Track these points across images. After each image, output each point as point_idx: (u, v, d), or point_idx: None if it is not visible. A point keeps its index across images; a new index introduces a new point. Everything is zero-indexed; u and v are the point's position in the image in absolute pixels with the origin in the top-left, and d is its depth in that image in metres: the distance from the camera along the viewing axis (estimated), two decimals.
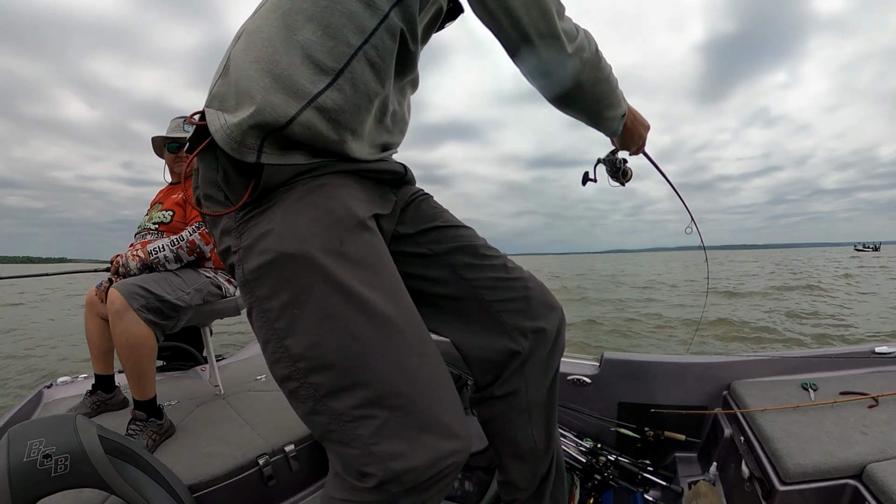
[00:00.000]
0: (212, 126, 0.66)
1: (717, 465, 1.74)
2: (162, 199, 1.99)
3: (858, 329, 8.38)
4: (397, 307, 0.71)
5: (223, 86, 0.70)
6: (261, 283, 0.68)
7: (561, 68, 0.80)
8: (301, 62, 0.66)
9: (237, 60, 0.68)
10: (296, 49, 0.66)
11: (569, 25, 0.79)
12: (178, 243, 1.76)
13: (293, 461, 1.53)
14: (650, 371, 1.98)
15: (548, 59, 0.79)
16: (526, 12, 0.73)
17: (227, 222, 0.71)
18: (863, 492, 1.17)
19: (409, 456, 0.64)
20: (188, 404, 1.90)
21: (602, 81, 0.88)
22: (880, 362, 1.87)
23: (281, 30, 0.67)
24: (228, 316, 2.05)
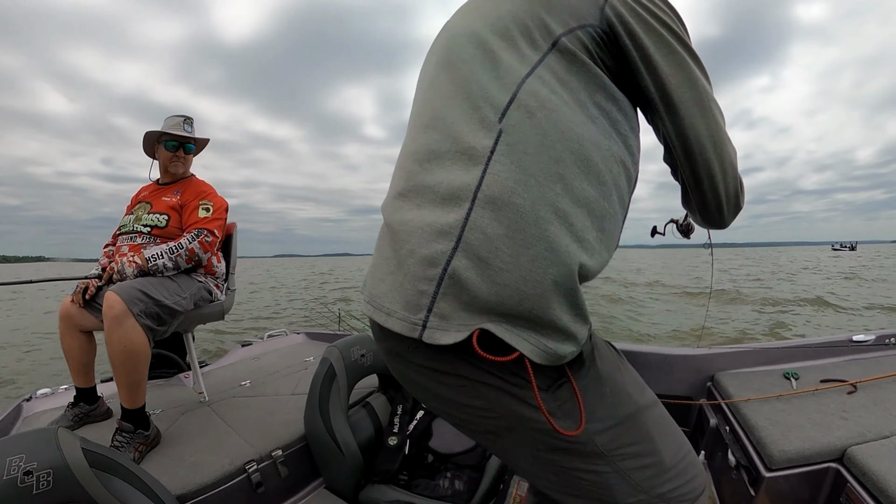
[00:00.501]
0: (519, 346, 0.58)
1: (704, 455, 1.78)
2: (150, 199, 1.92)
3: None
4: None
5: (492, 285, 0.58)
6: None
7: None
8: (587, 243, 0.62)
9: (500, 248, 0.58)
10: (578, 219, 0.61)
11: (741, 189, 0.80)
12: (177, 251, 1.72)
13: (281, 467, 1.53)
14: (636, 362, 2.01)
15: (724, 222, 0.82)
16: (725, 190, 0.75)
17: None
18: (844, 474, 1.22)
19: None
20: (173, 412, 1.87)
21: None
22: (858, 350, 1.94)
23: (555, 185, 0.60)
24: (213, 321, 2.02)
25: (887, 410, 1.43)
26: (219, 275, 2.02)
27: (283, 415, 1.81)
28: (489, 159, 0.60)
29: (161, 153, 1.95)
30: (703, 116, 0.70)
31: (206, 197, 1.93)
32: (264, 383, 2.26)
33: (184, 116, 1.98)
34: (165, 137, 1.93)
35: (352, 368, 1.70)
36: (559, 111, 0.62)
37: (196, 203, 1.88)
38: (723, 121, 0.73)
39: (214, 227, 1.86)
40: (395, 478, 1.54)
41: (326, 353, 1.67)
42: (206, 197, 1.93)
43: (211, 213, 1.89)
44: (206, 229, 1.82)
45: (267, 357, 2.83)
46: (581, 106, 0.64)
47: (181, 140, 1.96)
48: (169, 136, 1.93)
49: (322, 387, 1.57)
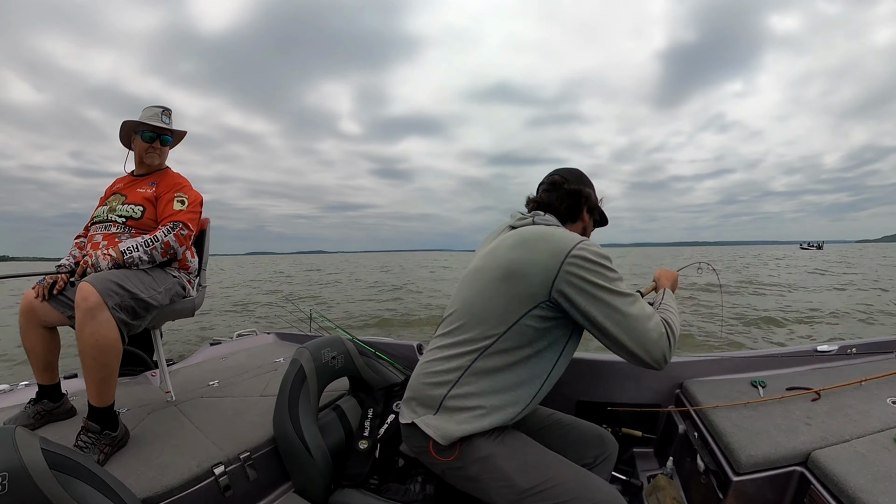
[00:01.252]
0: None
1: (673, 460, 1.83)
2: (125, 191, 1.88)
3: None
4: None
5: None
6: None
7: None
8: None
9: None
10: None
11: (670, 351, 1.11)
12: (152, 244, 1.69)
13: (250, 469, 1.51)
14: (606, 370, 2.06)
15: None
16: (643, 348, 1.09)
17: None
18: (808, 476, 1.29)
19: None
20: (139, 412, 1.83)
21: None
22: (821, 359, 2.03)
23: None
24: (184, 317, 1.99)
25: (848, 416, 1.50)
26: (192, 270, 1.99)
27: (251, 416, 1.78)
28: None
29: (137, 144, 1.92)
30: (623, 329, 1.07)
31: (181, 189, 1.90)
32: (233, 384, 2.23)
33: (162, 107, 1.95)
34: (142, 128, 1.90)
35: (322, 370, 1.69)
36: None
37: (171, 195, 1.86)
38: (641, 316, 1.07)
39: (189, 219, 1.83)
40: (366, 482, 1.53)
41: (297, 354, 1.65)
42: (181, 189, 1.90)
43: (186, 205, 1.86)
44: (182, 222, 1.79)
45: (236, 357, 2.80)
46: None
47: (158, 131, 1.92)
48: (146, 126, 1.89)
49: (292, 389, 1.56)
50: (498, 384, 1.14)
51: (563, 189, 1.31)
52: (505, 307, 1.12)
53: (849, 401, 1.62)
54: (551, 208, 1.30)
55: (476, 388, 1.14)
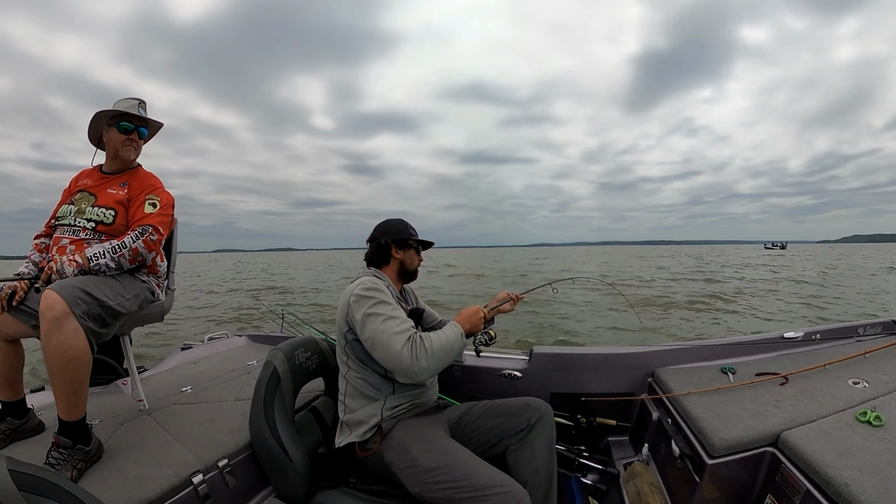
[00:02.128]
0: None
1: (648, 446, 1.89)
2: (95, 190, 1.78)
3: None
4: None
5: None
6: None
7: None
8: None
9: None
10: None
11: (418, 364, 1.34)
12: (120, 251, 1.62)
13: (229, 476, 1.50)
14: (578, 362, 2.11)
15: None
16: (392, 362, 1.38)
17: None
18: (779, 456, 1.37)
19: None
20: (112, 423, 1.79)
21: (443, 359, 1.40)
22: (788, 345, 2.14)
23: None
24: (153, 322, 1.95)
25: (814, 398, 1.59)
26: (161, 274, 1.93)
27: (227, 422, 1.77)
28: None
29: (112, 136, 1.80)
30: (377, 342, 1.40)
31: (153, 191, 1.82)
32: (206, 389, 2.20)
33: (138, 100, 1.85)
34: (119, 118, 1.79)
35: (297, 372, 1.69)
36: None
37: (143, 198, 1.77)
38: (387, 331, 1.39)
39: (160, 223, 1.76)
40: (346, 481, 1.55)
41: (270, 356, 1.65)
42: (153, 191, 1.82)
43: (158, 208, 1.78)
44: (152, 226, 1.71)
45: (208, 361, 2.76)
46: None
47: (136, 122, 1.83)
48: (124, 116, 1.80)
49: (266, 392, 1.55)
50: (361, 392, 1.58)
51: (373, 243, 1.76)
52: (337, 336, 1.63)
53: (814, 383, 1.71)
54: (371, 260, 1.77)
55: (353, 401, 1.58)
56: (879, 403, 1.50)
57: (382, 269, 1.76)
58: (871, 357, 1.91)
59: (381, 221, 1.82)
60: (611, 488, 1.84)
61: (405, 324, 1.44)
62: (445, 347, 1.40)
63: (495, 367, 2.20)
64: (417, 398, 1.64)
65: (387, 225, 1.79)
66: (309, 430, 1.74)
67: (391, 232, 1.76)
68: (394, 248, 1.74)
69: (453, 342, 1.43)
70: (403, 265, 1.77)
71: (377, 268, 1.76)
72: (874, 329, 2.28)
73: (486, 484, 1.25)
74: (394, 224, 1.79)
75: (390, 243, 1.74)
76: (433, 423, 1.58)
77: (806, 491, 1.21)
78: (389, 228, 1.78)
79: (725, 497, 1.48)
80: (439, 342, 1.39)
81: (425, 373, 1.35)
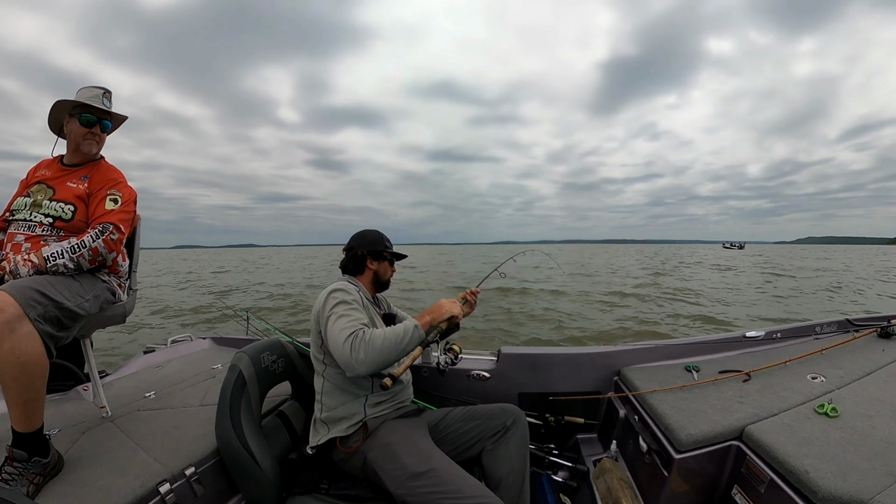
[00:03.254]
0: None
1: (616, 443, 1.95)
2: (53, 183, 1.71)
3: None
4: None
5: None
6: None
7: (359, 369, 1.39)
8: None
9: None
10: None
11: (354, 356, 1.37)
12: (79, 250, 1.56)
13: (196, 485, 1.48)
14: (545, 362, 2.17)
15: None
16: (338, 357, 1.41)
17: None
18: (744, 449, 1.44)
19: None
20: (72, 432, 1.73)
21: (387, 352, 1.40)
22: (750, 344, 2.25)
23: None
24: (114, 324, 1.90)
25: (776, 393, 1.68)
26: (122, 273, 1.88)
27: (192, 428, 1.74)
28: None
29: (73, 128, 1.73)
30: (329, 338, 1.46)
31: (114, 186, 1.75)
32: (171, 394, 2.16)
33: (102, 89, 1.77)
34: (81, 110, 1.72)
35: (263, 375, 1.67)
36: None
37: (103, 193, 1.71)
38: (335, 330, 1.44)
39: (121, 221, 1.70)
40: (317, 487, 1.55)
41: (235, 359, 1.63)
42: (114, 186, 1.75)
43: (119, 204, 1.72)
44: (112, 224, 1.65)
45: (172, 365, 2.71)
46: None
47: (98, 114, 1.75)
48: (86, 107, 1.72)
49: (232, 396, 1.53)
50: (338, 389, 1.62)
51: (350, 252, 1.84)
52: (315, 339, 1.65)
53: (775, 379, 1.80)
54: (346, 268, 1.85)
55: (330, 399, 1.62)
56: (835, 396, 1.61)
57: (357, 276, 1.84)
58: (827, 353, 2.03)
59: (358, 232, 1.91)
60: (581, 485, 1.89)
61: (356, 321, 1.47)
62: (389, 340, 1.41)
63: (464, 368, 2.23)
64: (396, 396, 1.69)
65: (363, 236, 1.87)
66: (277, 435, 1.73)
67: (367, 243, 1.84)
68: (369, 259, 1.83)
69: (400, 336, 1.43)
70: (377, 275, 1.85)
71: (352, 276, 1.84)
72: (830, 328, 2.44)
73: (469, 493, 1.29)
74: (370, 235, 1.87)
75: (366, 254, 1.82)
76: (416, 426, 1.61)
77: (770, 480, 1.30)
78: (366, 239, 1.86)
79: (694, 490, 1.54)
80: (382, 336, 1.42)
81: (362, 365, 1.37)
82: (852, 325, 2.47)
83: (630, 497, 1.65)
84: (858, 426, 1.39)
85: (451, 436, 1.69)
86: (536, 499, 1.79)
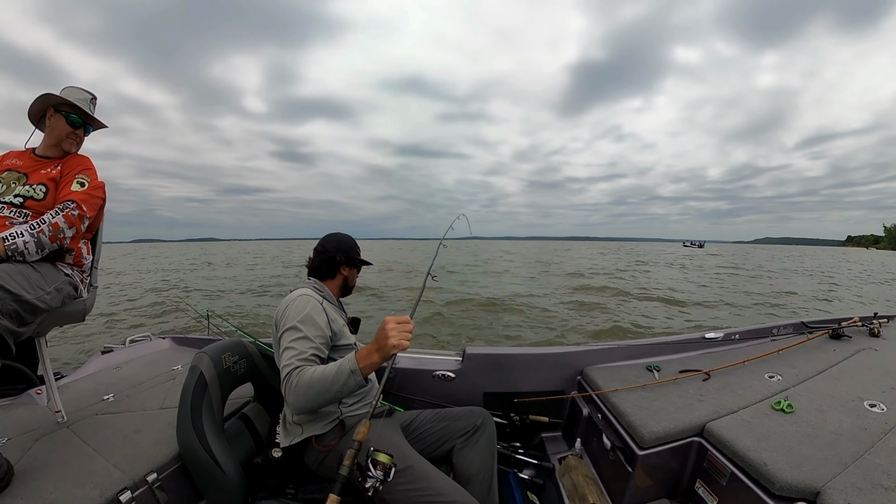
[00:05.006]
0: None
1: (580, 441, 2.01)
2: (26, 170, 1.69)
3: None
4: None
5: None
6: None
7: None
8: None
9: None
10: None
11: (287, 398, 1.37)
12: (38, 227, 1.51)
13: (159, 492, 1.44)
14: (509, 362, 2.22)
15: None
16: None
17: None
18: (705, 444, 1.52)
19: None
20: (24, 439, 1.65)
21: (313, 400, 1.34)
22: (709, 345, 2.37)
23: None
24: (72, 322, 1.83)
25: (734, 391, 1.77)
26: (85, 268, 1.83)
27: (153, 432, 1.70)
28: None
29: (58, 125, 1.76)
30: (281, 385, 1.38)
31: (83, 171, 1.76)
32: (130, 397, 2.10)
33: (91, 94, 1.82)
34: (70, 109, 1.76)
35: (224, 377, 1.65)
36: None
37: (71, 177, 1.71)
38: (284, 371, 1.39)
39: (84, 200, 1.67)
40: (283, 491, 1.54)
41: (195, 360, 1.60)
42: (83, 171, 1.76)
43: (85, 187, 1.71)
44: (74, 202, 1.63)
45: (130, 366, 2.63)
46: None
47: (86, 119, 1.81)
48: (76, 109, 1.77)
49: (193, 398, 1.50)
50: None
51: (324, 256, 1.81)
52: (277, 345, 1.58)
53: (734, 378, 1.90)
54: (316, 271, 1.82)
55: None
56: (791, 393, 1.71)
57: (326, 281, 1.83)
58: (783, 354, 2.15)
59: (332, 235, 1.89)
60: (547, 482, 1.93)
61: (294, 358, 1.42)
62: (315, 387, 1.33)
63: (429, 368, 2.25)
64: (367, 396, 1.70)
65: (339, 240, 1.86)
66: (240, 439, 1.70)
67: (345, 249, 1.84)
68: (343, 265, 1.83)
69: (329, 381, 1.32)
70: (346, 281, 1.87)
71: (321, 279, 1.83)
72: (786, 330, 2.59)
73: (445, 490, 1.35)
74: (345, 241, 1.87)
75: (342, 260, 1.83)
76: (391, 425, 1.64)
77: (731, 474, 1.38)
78: (342, 245, 1.85)
79: (658, 484, 1.61)
80: (309, 381, 1.34)
81: (295, 407, 1.37)
82: (807, 328, 2.62)
83: (596, 493, 1.70)
84: (812, 420, 1.49)
85: (423, 436, 1.73)
86: (504, 496, 1.83)
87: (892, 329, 2.59)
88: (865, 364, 2.00)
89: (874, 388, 1.72)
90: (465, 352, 2.26)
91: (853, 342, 2.34)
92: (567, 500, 1.76)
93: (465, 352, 2.26)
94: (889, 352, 2.17)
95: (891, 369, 1.91)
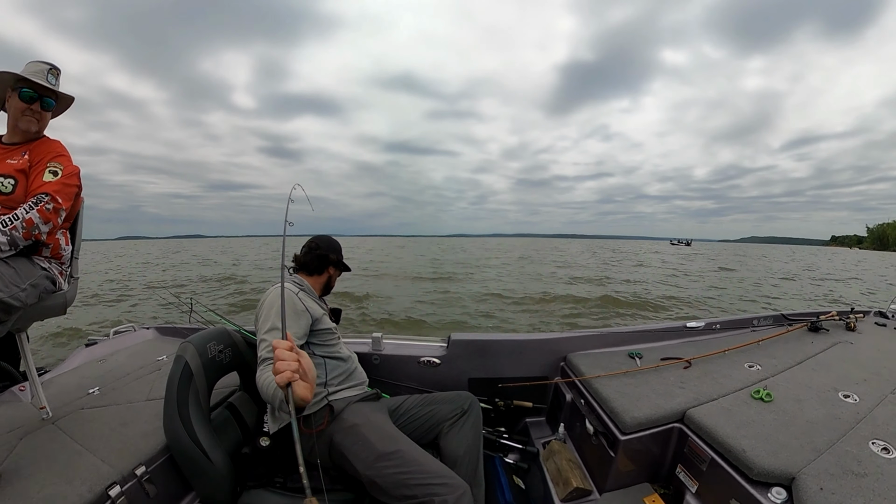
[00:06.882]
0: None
1: (564, 426, 2.06)
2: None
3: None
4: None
5: None
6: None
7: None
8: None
9: None
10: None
11: (261, 392, 1.36)
12: (11, 223, 1.45)
13: (148, 485, 1.45)
14: (494, 348, 2.26)
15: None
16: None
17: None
18: (686, 430, 1.57)
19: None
20: (9, 438, 1.63)
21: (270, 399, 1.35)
22: (690, 334, 2.43)
23: None
24: (53, 316, 1.80)
25: (715, 380, 1.83)
26: (64, 260, 1.78)
27: (140, 425, 1.70)
28: None
29: (13, 103, 1.66)
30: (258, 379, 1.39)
31: (55, 158, 1.66)
32: (115, 389, 2.09)
33: (49, 65, 1.69)
34: (22, 84, 1.64)
35: (210, 366, 1.64)
36: None
37: (42, 166, 1.62)
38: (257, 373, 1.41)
39: (58, 192, 1.60)
40: (272, 480, 1.55)
41: (180, 350, 1.59)
42: (55, 158, 1.66)
43: (59, 176, 1.63)
44: (49, 195, 1.56)
45: (115, 358, 2.61)
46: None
47: (40, 91, 1.67)
48: (27, 82, 1.64)
49: (179, 389, 1.49)
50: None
51: (316, 253, 1.90)
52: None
53: (715, 367, 1.96)
54: (305, 266, 1.90)
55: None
56: (770, 382, 1.77)
57: (312, 276, 1.92)
58: (763, 344, 2.22)
59: (324, 236, 1.99)
60: (532, 466, 1.98)
61: (269, 348, 1.45)
62: (265, 391, 1.35)
63: (414, 354, 2.27)
64: (352, 375, 1.78)
65: (329, 242, 1.97)
66: (227, 429, 1.70)
67: (335, 250, 1.95)
68: (331, 266, 1.94)
69: (269, 397, 1.33)
70: (330, 280, 1.97)
71: (308, 274, 1.92)
72: (766, 321, 2.68)
73: (434, 472, 1.39)
74: (334, 243, 1.98)
75: (334, 260, 1.93)
76: (378, 410, 1.71)
77: (711, 459, 1.43)
78: (332, 246, 1.96)
79: (640, 469, 1.66)
80: (262, 385, 1.35)
81: (263, 398, 1.40)
82: (786, 320, 2.71)
83: (579, 476, 1.75)
84: (789, 409, 1.55)
85: (410, 420, 1.79)
86: (490, 480, 1.87)
87: (868, 324, 2.71)
88: (841, 357, 2.07)
89: (848, 379, 1.78)
90: (451, 338, 2.28)
91: (830, 335, 2.43)
92: (551, 483, 1.80)
93: (451, 338, 2.28)
94: (863, 345, 2.26)
95: (864, 362, 1.98)
